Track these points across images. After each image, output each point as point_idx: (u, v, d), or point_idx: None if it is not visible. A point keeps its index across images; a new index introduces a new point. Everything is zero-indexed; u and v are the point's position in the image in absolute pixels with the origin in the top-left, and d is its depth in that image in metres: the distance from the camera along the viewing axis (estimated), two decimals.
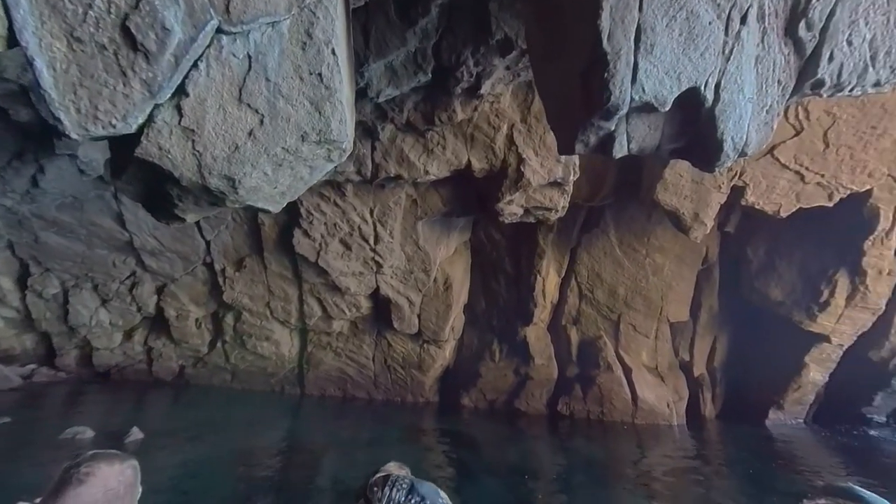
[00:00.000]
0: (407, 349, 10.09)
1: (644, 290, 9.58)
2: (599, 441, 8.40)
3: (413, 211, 8.61)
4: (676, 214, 8.06)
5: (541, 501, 5.69)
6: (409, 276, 9.20)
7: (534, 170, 7.39)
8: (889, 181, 7.90)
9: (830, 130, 7.63)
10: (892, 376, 9.42)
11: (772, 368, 9.78)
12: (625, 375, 9.36)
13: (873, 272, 8.35)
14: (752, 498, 6.13)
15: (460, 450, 7.49)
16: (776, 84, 3.52)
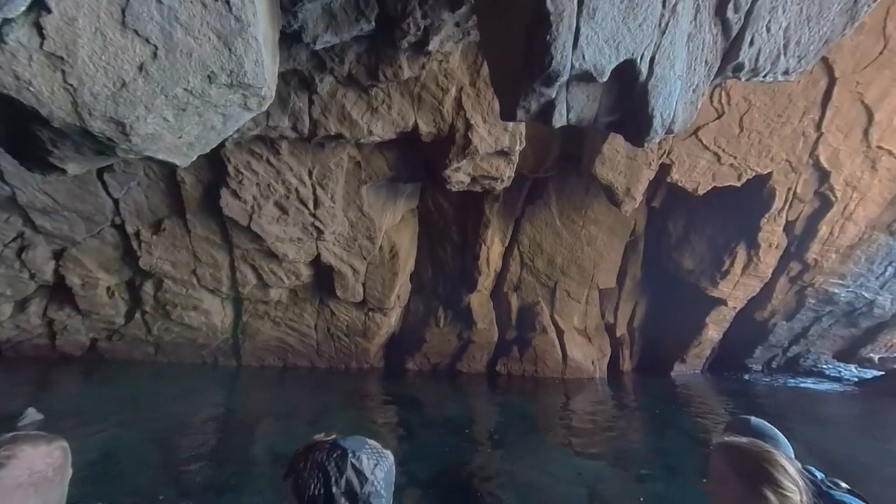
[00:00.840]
0: (351, 317, 9.94)
1: (579, 259, 10.24)
2: (532, 395, 9.15)
3: (357, 174, 8.19)
4: (611, 189, 8.55)
5: (478, 452, 6.11)
6: (352, 243, 8.89)
7: (481, 137, 7.30)
8: (786, 165, 9.00)
9: (745, 116, 8.41)
10: (770, 333, 11.27)
11: (679, 328, 11.19)
12: (557, 337, 10.16)
13: (765, 245, 9.67)
14: (657, 434, 7.23)
15: (404, 411, 7.73)
16: (704, 63, 3.71)
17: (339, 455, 0.79)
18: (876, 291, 10.64)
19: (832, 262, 9.96)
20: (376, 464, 0.81)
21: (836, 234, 9.60)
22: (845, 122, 8.56)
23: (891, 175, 9.04)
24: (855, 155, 8.84)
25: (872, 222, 9.60)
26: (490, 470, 5.43)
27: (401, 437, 6.50)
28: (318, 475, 0.77)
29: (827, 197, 9.26)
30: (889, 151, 8.78)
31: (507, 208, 10.10)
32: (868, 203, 9.31)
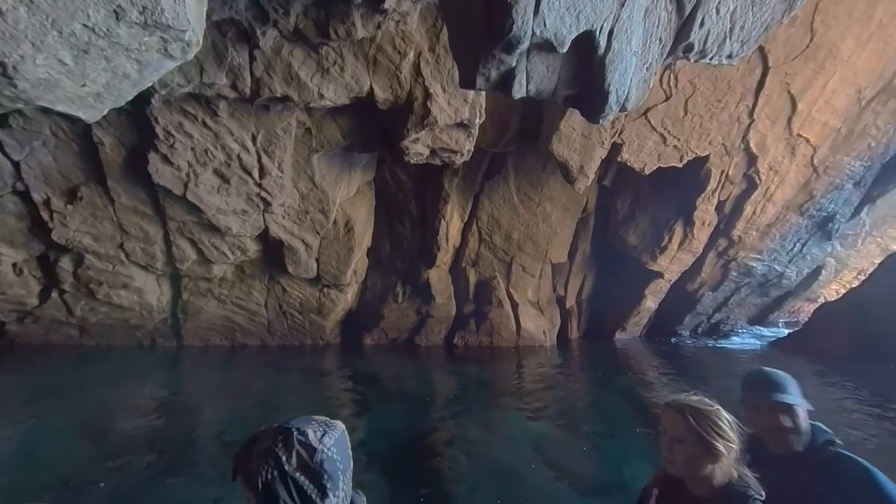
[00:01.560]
0: (305, 294, 9.57)
1: (534, 235, 10.53)
2: (488, 364, 9.53)
3: (307, 142, 7.64)
4: (566, 166, 8.75)
5: (436, 422, 6.27)
6: (304, 216, 8.41)
7: (441, 107, 7.06)
8: (722, 149, 9.71)
9: (690, 100, 8.87)
10: (698, 303, 12.51)
11: (622, 299, 12.07)
12: (512, 310, 10.55)
13: (699, 223, 10.53)
14: (598, 391, 7.88)
15: (362, 386, 7.71)
16: (658, 41, 3.78)
17: (284, 437, 0.79)
18: (785, 265, 12.11)
19: (753, 238, 11.12)
20: (324, 433, 0.82)
21: (758, 214, 10.67)
22: (773, 110, 9.32)
23: (806, 161, 10.10)
24: (779, 141, 9.73)
25: (788, 203, 10.77)
26: (447, 438, 5.61)
27: (360, 412, 6.50)
28: (267, 461, 0.77)
29: (753, 179, 10.18)
30: (807, 139, 9.76)
31: (467, 183, 10.04)
32: (786, 186, 10.38)
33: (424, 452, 5.20)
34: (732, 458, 1.13)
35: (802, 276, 12.79)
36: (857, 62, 8.90)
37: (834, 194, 10.77)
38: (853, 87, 9.24)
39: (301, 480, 0.76)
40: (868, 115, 9.67)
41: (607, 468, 4.80)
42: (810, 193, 10.66)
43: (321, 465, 0.77)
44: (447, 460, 4.98)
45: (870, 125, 9.82)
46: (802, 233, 11.46)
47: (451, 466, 4.81)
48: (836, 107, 9.45)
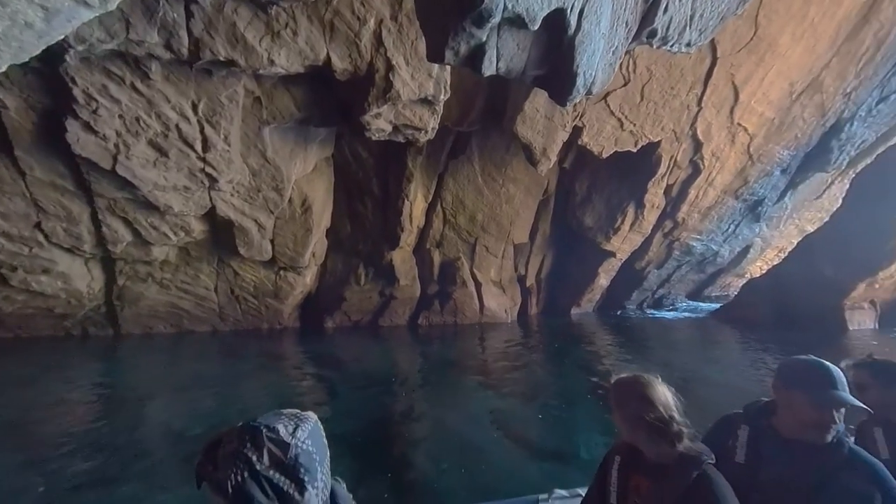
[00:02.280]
0: (259, 277, 9.06)
1: (498, 216, 10.64)
2: (451, 342, 9.70)
3: (256, 113, 7.01)
4: (530, 148, 8.81)
5: (401, 402, 6.31)
6: (256, 194, 7.83)
7: (404, 81, 6.73)
8: (672, 135, 10.23)
9: (647, 86, 9.17)
10: (645, 279, 13.45)
11: (577, 277, 12.69)
12: (476, 290, 10.72)
13: (649, 206, 11.17)
14: (555, 364, 8.31)
15: (324, 369, 7.54)
16: (624, 25, 3.78)
17: (251, 436, 0.75)
18: (720, 244, 13.28)
19: (695, 220, 12.02)
20: (296, 427, 0.79)
21: (700, 198, 11.50)
22: (719, 99, 9.91)
23: (743, 149, 10.94)
24: (721, 129, 10.42)
25: (726, 188, 11.68)
26: (414, 417, 5.67)
27: (324, 396, 6.38)
28: (235, 464, 0.73)
29: (697, 165, 10.89)
30: (745, 129, 10.53)
31: (431, 162, 9.82)
32: (725, 172, 11.23)
33: (392, 432, 5.23)
34: (664, 424, 1.18)
35: (734, 255, 14.12)
36: (791, 57, 9.62)
37: (765, 180, 11.83)
38: (787, 80, 10.02)
39: (276, 478, 0.73)
40: (797, 107, 10.58)
41: (564, 436, 5.10)
42: (745, 179, 11.63)
43: (296, 459, 0.75)
44: (415, 439, 5.05)
45: (798, 117, 10.77)
46: (736, 215, 12.56)
47: (419, 444, 4.88)
48: (771, 98, 10.23)
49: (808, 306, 10.68)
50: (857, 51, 9.85)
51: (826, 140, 11.28)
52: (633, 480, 1.29)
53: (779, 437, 1.34)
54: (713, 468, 1.17)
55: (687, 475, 1.15)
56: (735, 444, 1.43)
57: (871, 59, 10.01)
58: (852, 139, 11.28)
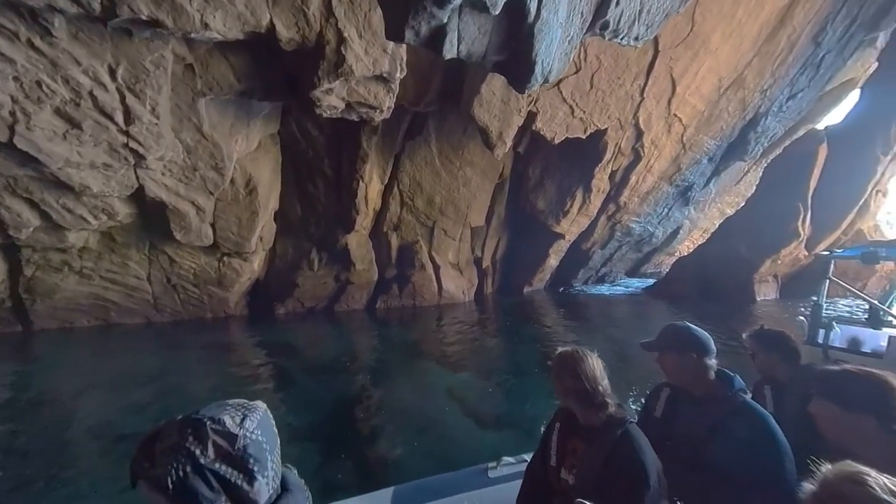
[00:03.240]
0: (199, 264, 8.36)
1: (456, 199, 10.68)
2: (410, 324, 9.77)
3: (189, 82, 6.29)
4: (486, 131, 8.84)
5: (360, 386, 6.28)
6: (192, 173, 7.12)
7: (357, 55, 6.36)
8: (618, 123, 10.81)
9: (596, 74, 9.53)
10: (590, 259, 14.38)
11: (530, 258, 13.27)
12: (434, 273, 10.79)
13: (596, 190, 11.83)
14: (508, 339, 8.73)
15: (277, 357, 7.25)
16: (580, 15, 3.86)
17: (194, 429, 0.72)
18: (656, 226, 14.50)
19: (634, 204, 12.96)
20: (243, 417, 0.76)
21: (640, 183, 12.39)
22: (659, 90, 10.59)
23: (678, 138, 11.86)
24: (660, 119, 11.18)
25: (662, 174, 12.67)
26: (374, 400, 5.69)
27: (279, 384, 6.15)
28: (176, 458, 0.69)
29: (638, 152, 11.65)
30: (680, 119, 11.39)
31: (387, 143, 9.52)
32: (662, 159, 12.14)
33: (352, 415, 5.21)
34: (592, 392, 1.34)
35: (666, 235, 15.52)
36: (720, 54, 10.47)
37: (694, 168, 12.98)
38: (716, 76, 10.92)
39: (223, 470, 0.71)
40: (724, 101, 11.63)
41: (514, 406, 5.42)
42: (678, 166, 12.68)
43: (245, 450, 0.73)
44: (375, 419, 5.09)
45: (724, 110, 11.86)
46: (669, 199, 13.73)
47: (380, 424, 4.93)
48: (702, 92, 11.12)
49: (726, 281, 12.14)
50: (774, 52, 10.96)
51: (745, 132, 12.57)
52: (571, 443, 1.44)
53: (690, 395, 1.56)
54: (635, 427, 1.33)
55: (612, 434, 1.31)
56: (656, 404, 1.67)
57: (785, 60, 11.20)
58: (766, 132, 12.68)
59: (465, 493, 2.03)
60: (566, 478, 1.42)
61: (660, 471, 1.28)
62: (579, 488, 1.35)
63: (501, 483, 2.10)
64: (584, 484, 1.34)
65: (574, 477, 1.39)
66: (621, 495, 1.23)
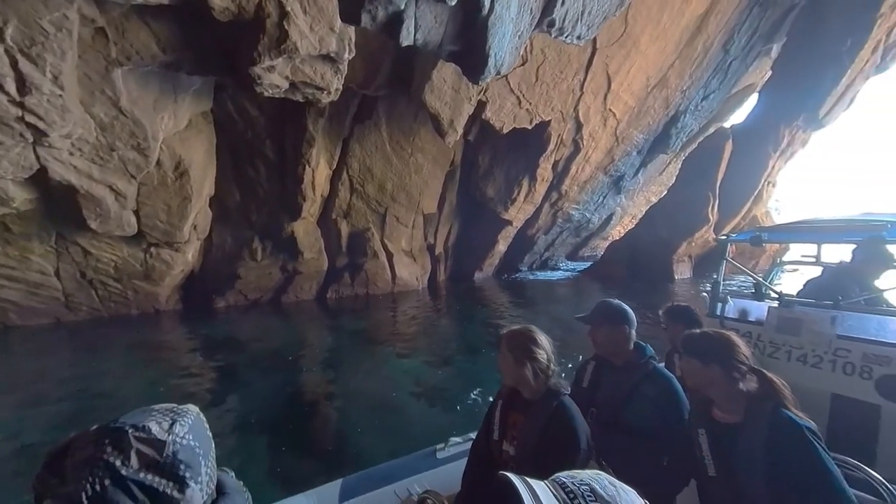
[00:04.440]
0: (121, 256, 7.50)
1: (407, 186, 10.61)
2: (363, 313, 9.68)
3: (102, 50, 5.50)
4: (438, 118, 8.86)
5: (314, 376, 6.16)
6: (108, 154, 6.29)
7: (301, 32, 5.98)
8: (560, 115, 11.40)
9: (541, 67, 9.92)
10: (535, 244, 15.21)
11: (480, 244, 13.70)
12: (387, 260, 10.73)
13: (540, 179, 12.46)
14: (459, 323, 9.05)
15: (220, 353, 6.82)
16: (529, 12, 4.04)
17: (113, 439, 0.65)
18: (592, 213, 15.68)
19: (574, 192, 13.88)
20: (172, 422, 0.71)
21: (579, 173, 13.27)
22: (596, 85, 11.32)
23: (612, 132, 12.84)
24: (597, 113, 12.00)
25: (598, 165, 13.68)
26: (328, 390, 5.64)
27: (224, 381, 5.82)
28: (91, 472, 0.63)
29: (578, 144, 12.44)
30: (614, 114, 12.32)
31: (334, 126, 9.14)
32: (598, 151, 13.09)
33: (306, 408, 5.14)
34: (544, 367, 1.44)
35: (601, 221, 16.87)
36: (648, 55, 11.43)
37: (625, 159, 14.18)
38: (645, 75, 11.93)
39: (148, 479, 0.66)
40: (651, 99, 12.77)
41: (465, 385, 5.70)
42: (612, 158, 13.76)
43: (174, 456, 0.69)
44: (330, 408, 5.06)
45: (650, 107, 13.03)
46: (604, 188, 14.90)
47: (335, 413, 4.92)
48: (633, 89, 12.11)
49: (650, 262, 13.60)
50: (692, 55, 12.22)
51: (667, 128, 13.97)
52: (512, 417, 1.53)
53: (612, 365, 1.79)
54: (568, 398, 1.45)
55: (549, 405, 1.42)
56: (584, 376, 1.88)
57: (700, 63, 12.55)
58: (684, 128, 14.19)
59: (414, 477, 2.03)
60: (507, 449, 1.50)
61: (588, 436, 1.40)
62: (519, 458, 1.44)
63: (450, 462, 2.11)
64: (524, 453, 1.43)
65: (514, 448, 1.47)
66: (554, 460, 1.30)
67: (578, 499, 0.53)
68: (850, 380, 1.94)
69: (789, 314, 2.22)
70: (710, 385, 1.34)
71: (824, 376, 2.00)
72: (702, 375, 1.35)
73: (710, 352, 1.34)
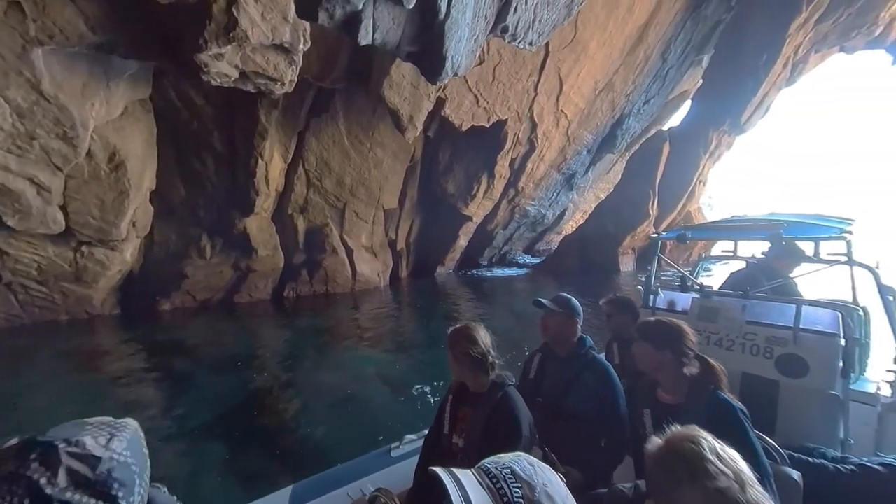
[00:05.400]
0: (46, 256, 6.79)
1: (367, 180, 10.51)
2: (323, 311, 9.47)
3: (18, 26, 4.94)
4: (397, 114, 8.86)
5: (273, 377, 5.99)
6: (28, 142, 5.67)
7: (252, 20, 5.74)
8: (516, 115, 11.82)
9: (497, 67, 10.22)
10: (494, 239, 15.68)
11: (441, 240, 13.89)
12: (347, 256, 10.57)
13: (498, 176, 12.86)
14: (421, 318, 9.18)
15: (168, 359, 6.42)
16: (484, 18, 4.22)
17: (40, 454, 0.61)
18: (547, 208, 16.44)
19: (530, 189, 14.48)
20: (110, 437, 0.67)
21: (534, 170, 13.85)
22: (550, 87, 11.86)
23: (564, 132, 13.52)
24: (550, 114, 12.58)
25: (552, 163, 14.36)
26: (286, 392, 5.50)
27: (173, 388, 5.50)
28: (11, 490, 0.58)
29: (533, 142, 12.98)
30: (566, 115, 12.98)
31: (289, 118, 8.82)
32: (552, 150, 13.74)
33: (264, 411, 5.00)
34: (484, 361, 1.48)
35: (555, 217, 17.73)
36: (596, 60, 12.16)
37: (577, 158, 15.00)
38: (593, 79, 12.68)
39: (76, 499, 0.61)
40: (599, 101, 13.60)
41: (427, 380, 5.84)
42: (564, 156, 14.51)
43: (109, 473, 0.64)
44: (291, 407, 4.96)
45: (598, 109, 13.88)
46: (558, 185, 15.68)
47: (297, 412, 4.82)
48: (583, 92, 12.83)
49: (599, 255, 14.55)
50: (635, 62, 13.16)
51: (614, 129, 14.96)
52: (461, 412, 1.58)
53: (556, 355, 1.92)
54: (513, 389, 1.51)
55: (494, 397, 1.48)
56: (531, 367, 1.98)
57: (642, 70, 13.55)
58: (629, 130, 15.27)
59: (367, 477, 2.00)
60: (457, 442, 1.54)
61: (531, 423, 1.45)
62: (467, 450, 1.48)
63: (405, 460, 2.10)
64: (471, 445, 1.47)
65: (463, 440, 1.51)
66: (498, 448, 1.37)
67: (501, 482, 0.57)
68: (756, 360, 2.18)
69: (708, 304, 2.47)
70: (660, 368, 1.48)
71: (736, 357, 2.22)
72: (654, 359, 1.48)
73: (664, 338, 1.47)
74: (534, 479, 0.58)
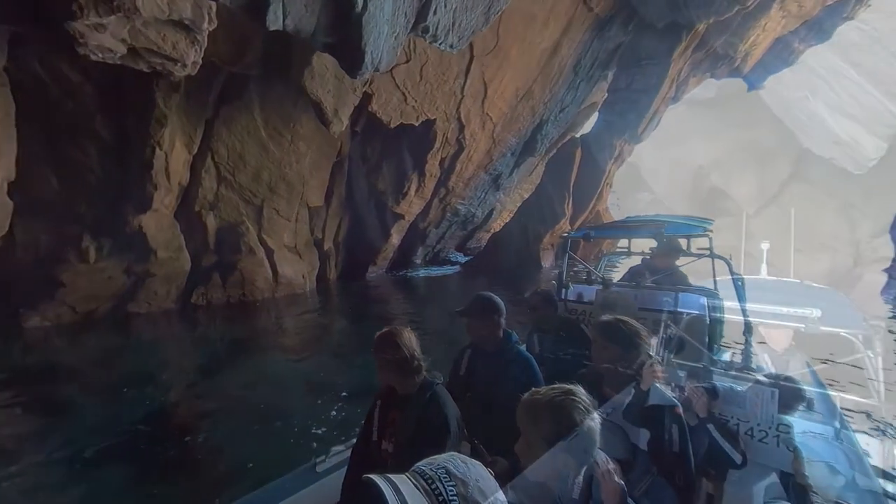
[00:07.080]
0: None
1: (288, 176, 9.88)
2: (242, 319, 8.68)
3: None
4: (320, 106, 8.51)
5: (184, 394, 5.38)
6: None
7: None
8: (444, 115, 12.08)
9: (425, 67, 10.35)
10: (427, 238, 15.84)
11: (372, 238, 13.64)
12: (267, 257, 9.83)
13: (429, 175, 13.03)
14: (352, 322, 8.89)
15: (36, 386, 5.38)
16: (404, 15, 4.27)
17: None
18: (476, 207, 17.07)
19: (460, 188, 14.91)
20: None
21: (463, 170, 14.30)
22: (475, 90, 12.34)
23: (490, 134, 14.17)
24: (476, 116, 13.09)
25: (479, 164, 14.95)
26: (201, 409, 4.95)
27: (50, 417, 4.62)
28: None
29: (461, 143, 13.39)
30: (491, 118, 13.61)
31: (194, 105, 7.94)
32: (479, 151, 14.31)
33: (176, 431, 4.48)
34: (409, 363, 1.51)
35: (484, 215, 18.47)
36: (517, 67, 12.95)
37: (502, 160, 15.82)
38: (515, 85, 13.48)
39: None
40: (521, 107, 14.49)
41: (358, 381, 5.74)
42: (491, 158, 15.20)
43: None
44: (205, 431, 4.48)
45: (520, 114, 14.79)
46: (486, 185, 16.37)
47: (213, 436, 4.37)
48: (506, 97, 13.57)
49: (523, 252, 15.57)
50: (551, 73, 14.28)
51: (534, 133, 16.07)
52: (390, 415, 1.58)
53: (485, 352, 2.02)
54: (441, 387, 1.55)
55: (423, 397, 1.50)
56: (461, 364, 2.06)
57: (557, 80, 14.76)
58: (547, 135, 16.53)
59: (290, 498, 1.87)
60: (387, 447, 1.53)
61: (459, 419, 1.48)
62: (397, 454, 1.47)
63: (331, 474, 2.04)
64: (401, 449, 1.46)
65: (393, 445, 1.51)
66: (427, 448, 1.44)
67: (436, 482, 0.58)
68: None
69: (608, 295, 2.78)
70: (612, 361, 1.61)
71: None
72: (608, 352, 1.61)
73: (618, 336, 1.60)
74: (467, 476, 0.60)
